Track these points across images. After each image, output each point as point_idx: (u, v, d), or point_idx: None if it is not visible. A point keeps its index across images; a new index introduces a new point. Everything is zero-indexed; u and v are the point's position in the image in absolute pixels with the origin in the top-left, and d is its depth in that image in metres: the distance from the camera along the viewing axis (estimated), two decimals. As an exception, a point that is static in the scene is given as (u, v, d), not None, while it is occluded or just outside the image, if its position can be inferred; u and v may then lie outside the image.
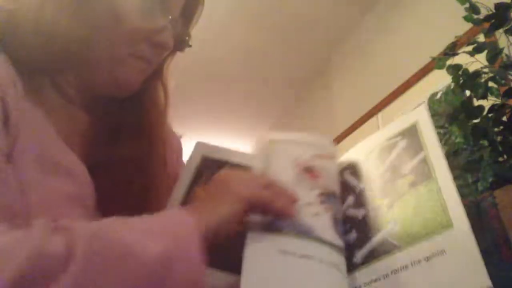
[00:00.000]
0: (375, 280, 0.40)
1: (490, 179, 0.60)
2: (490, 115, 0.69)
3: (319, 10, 2.28)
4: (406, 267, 0.39)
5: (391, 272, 0.40)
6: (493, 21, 0.70)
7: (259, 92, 3.17)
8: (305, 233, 0.42)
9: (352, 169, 0.53)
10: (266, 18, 2.36)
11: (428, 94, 1.05)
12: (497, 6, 0.70)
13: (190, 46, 0.54)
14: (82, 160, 0.46)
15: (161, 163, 0.53)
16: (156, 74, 0.55)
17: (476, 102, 0.71)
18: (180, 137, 0.64)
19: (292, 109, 3.31)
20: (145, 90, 0.53)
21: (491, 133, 0.66)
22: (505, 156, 0.65)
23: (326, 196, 0.46)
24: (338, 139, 2.28)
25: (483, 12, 0.74)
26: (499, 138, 0.67)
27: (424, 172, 0.45)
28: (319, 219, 0.44)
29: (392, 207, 0.45)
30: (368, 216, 0.46)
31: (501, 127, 0.69)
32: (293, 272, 0.40)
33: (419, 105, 0.55)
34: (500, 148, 0.65)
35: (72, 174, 0.44)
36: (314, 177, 0.48)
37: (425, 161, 0.46)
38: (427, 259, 0.38)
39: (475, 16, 0.76)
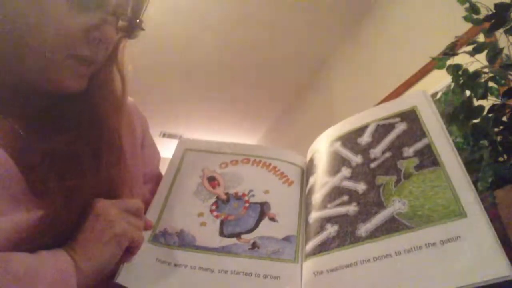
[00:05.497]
0: (386, 256, 0.40)
1: (490, 179, 0.60)
2: (490, 115, 0.69)
3: (320, 10, 2.28)
4: (419, 247, 0.39)
5: (404, 251, 0.40)
6: (493, 21, 0.70)
7: (258, 92, 3.17)
8: (187, 244, 0.49)
9: (343, 140, 0.55)
10: (266, 16, 2.36)
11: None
12: (497, 6, 0.70)
13: (143, 29, 0.51)
14: (14, 153, 0.43)
15: (115, 153, 0.50)
16: (109, 61, 0.52)
17: (476, 102, 0.71)
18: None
19: (291, 109, 3.31)
20: (96, 79, 0.51)
21: (491, 133, 0.66)
22: (505, 156, 0.65)
23: (222, 202, 0.53)
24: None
25: (483, 12, 0.74)
26: (499, 138, 0.67)
27: (430, 158, 0.45)
28: (205, 229, 0.50)
29: (398, 186, 0.45)
30: (371, 192, 0.46)
31: (501, 127, 0.68)
32: (166, 280, 0.45)
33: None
34: (500, 148, 0.65)
35: None
36: (214, 186, 0.55)
37: (429, 147, 0.46)
38: (442, 243, 0.38)
39: (475, 16, 0.76)
